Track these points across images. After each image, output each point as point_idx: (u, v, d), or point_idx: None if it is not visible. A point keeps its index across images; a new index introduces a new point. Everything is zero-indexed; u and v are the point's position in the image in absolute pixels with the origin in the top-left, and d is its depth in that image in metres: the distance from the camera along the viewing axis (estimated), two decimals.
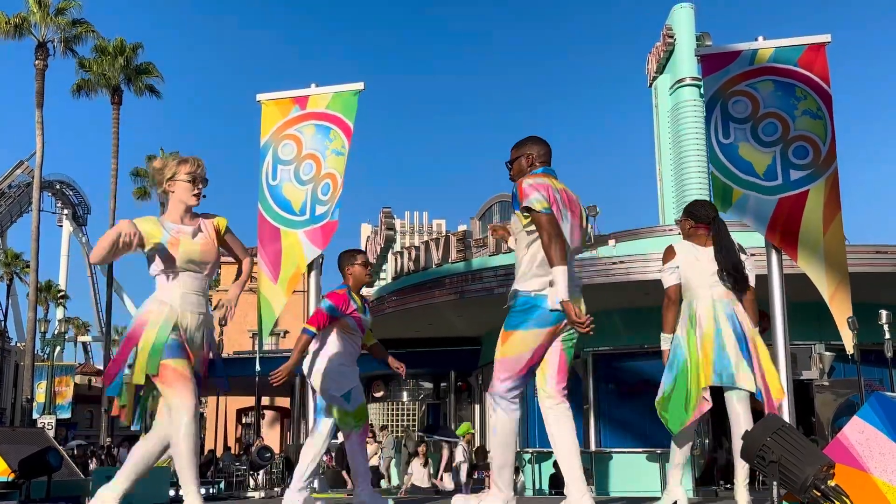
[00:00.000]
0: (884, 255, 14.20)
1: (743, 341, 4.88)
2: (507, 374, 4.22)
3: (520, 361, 4.20)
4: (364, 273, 6.02)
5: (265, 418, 34.53)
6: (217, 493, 8.50)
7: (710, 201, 5.53)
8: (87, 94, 37.64)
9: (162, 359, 4.10)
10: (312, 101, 9.36)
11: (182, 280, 4.26)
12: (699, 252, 5.07)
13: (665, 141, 23.68)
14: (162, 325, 4.14)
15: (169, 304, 4.20)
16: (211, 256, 4.36)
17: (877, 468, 3.04)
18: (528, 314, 4.22)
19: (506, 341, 4.24)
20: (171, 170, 4.34)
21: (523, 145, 4.54)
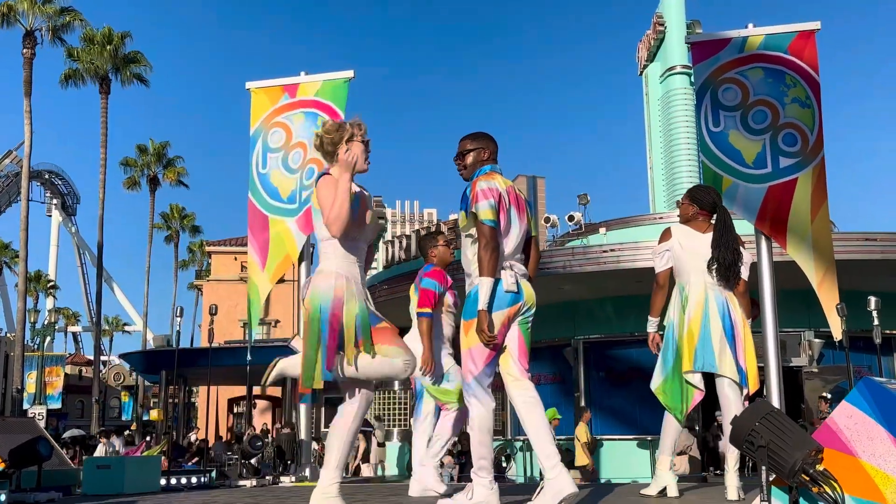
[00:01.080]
0: (873, 242, 14.27)
1: (730, 330, 4.91)
2: (476, 365, 4.23)
3: (485, 348, 4.21)
4: (448, 252, 6.02)
5: (256, 407, 34.54)
6: (209, 481, 8.50)
7: (709, 185, 5.54)
8: (75, 83, 37.47)
9: (372, 325, 3.99)
10: (302, 89, 9.34)
11: (353, 248, 4.11)
12: (696, 237, 5.07)
13: (655, 129, 23.70)
14: (354, 298, 3.99)
15: (345, 276, 4.02)
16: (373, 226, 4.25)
17: (865, 452, 3.06)
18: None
19: (469, 331, 4.25)
20: (349, 131, 4.12)
21: (480, 139, 4.53)
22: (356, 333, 3.91)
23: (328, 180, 3.98)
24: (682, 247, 5.07)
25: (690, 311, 4.95)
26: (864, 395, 3.16)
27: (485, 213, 4.20)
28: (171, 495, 6.64)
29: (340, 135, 4.09)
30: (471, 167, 4.46)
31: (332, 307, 3.93)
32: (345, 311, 3.91)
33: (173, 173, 47.29)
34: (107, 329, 66.45)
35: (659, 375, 5.11)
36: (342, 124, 4.14)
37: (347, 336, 3.90)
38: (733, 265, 4.96)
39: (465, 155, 4.50)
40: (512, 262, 4.34)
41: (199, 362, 22.64)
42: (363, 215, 4.12)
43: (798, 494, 3.09)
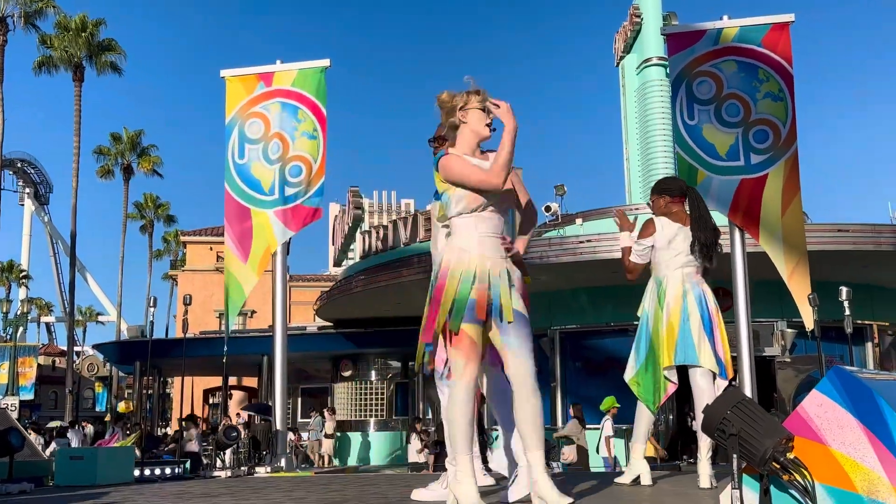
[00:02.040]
0: (845, 233, 14.43)
1: (708, 322, 4.95)
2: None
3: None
4: None
5: (232, 398, 34.41)
6: (183, 472, 8.46)
7: (677, 176, 5.54)
8: (48, 70, 37.01)
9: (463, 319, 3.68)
10: (278, 78, 9.28)
11: (481, 220, 3.79)
12: (677, 230, 5.08)
13: (632, 120, 23.78)
14: (464, 278, 3.71)
15: (468, 251, 3.77)
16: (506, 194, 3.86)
17: (835, 441, 3.09)
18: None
19: None
20: (463, 99, 3.90)
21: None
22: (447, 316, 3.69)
23: (448, 158, 3.84)
24: (664, 240, 5.08)
25: (669, 306, 4.98)
26: (835, 384, 3.19)
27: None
28: (145, 486, 6.61)
29: (453, 104, 3.92)
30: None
31: (438, 279, 3.81)
32: (446, 287, 3.73)
33: (148, 162, 46.86)
34: (80, 319, 65.85)
35: (632, 366, 5.15)
36: (454, 94, 3.95)
37: (441, 313, 3.71)
38: (713, 244, 5.01)
39: (444, 140, 4.49)
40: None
41: (173, 353, 22.52)
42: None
43: (769, 482, 3.12)
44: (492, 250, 3.74)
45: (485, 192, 3.73)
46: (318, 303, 23.19)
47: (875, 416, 3.03)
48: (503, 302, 3.67)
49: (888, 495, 2.92)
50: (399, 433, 23.84)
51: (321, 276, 44.15)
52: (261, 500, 4.75)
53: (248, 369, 29.49)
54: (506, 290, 3.70)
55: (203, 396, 36.68)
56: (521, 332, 3.69)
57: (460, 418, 3.66)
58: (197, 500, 4.93)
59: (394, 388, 24.32)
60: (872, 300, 16.85)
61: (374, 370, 24.49)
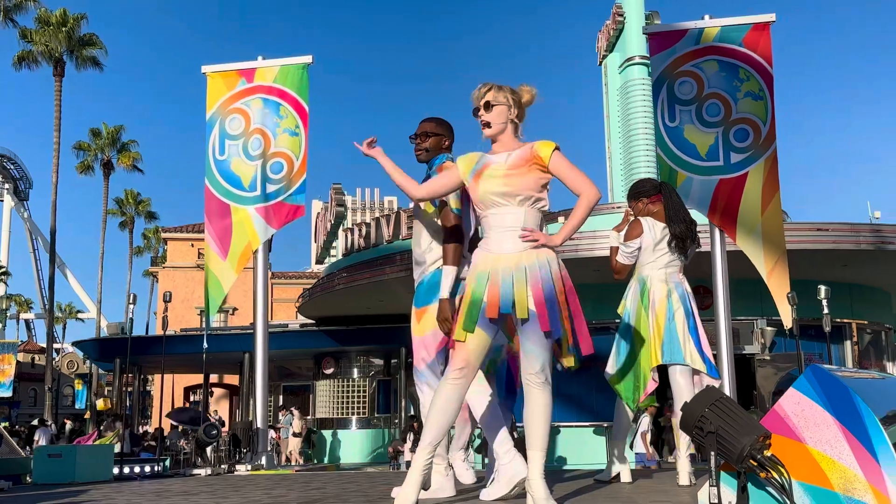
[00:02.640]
0: (825, 232, 14.53)
1: (692, 321, 4.98)
2: (429, 352, 4.26)
3: (437, 335, 4.23)
4: None
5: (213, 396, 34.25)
6: (162, 470, 8.42)
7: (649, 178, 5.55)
8: (28, 65, 36.68)
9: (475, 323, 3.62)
10: (259, 74, 9.24)
11: (494, 217, 3.70)
12: (662, 229, 5.10)
13: (614, 119, 23.84)
14: (478, 279, 3.66)
15: (483, 250, 3.72)
16: (518, 187, 3.65)
17: (811, 438, 3.11)
18: (439, 288, 4.20)
19: (422, 319, 4.27)
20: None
21: (444, 126, 4.52)
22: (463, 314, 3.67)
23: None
24: (650, 241, 5.10)
25: (654, 305, 5.00)
26: (812, 382, 3.21)
27: (454, 203, 4.20)
28: (124, 484, 6.57)
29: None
30: (432, 151, 4.45)
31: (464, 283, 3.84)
32: (466, 290, 3.72)
33: (128, 158, 46.52)
34: (60, 316, 65.35)
35: (613, 364, 5.17)
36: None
37: (460, 314, 3.69)
38: (687, 236, 5.02)
39: (427, 137, 4.47)
40: (466, 253, 4.31)
41: (153, 350, 22.39)
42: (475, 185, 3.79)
43: (746, 479, 3.14)
44: (504, 245, 3.65)
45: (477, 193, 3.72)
46: (300, 300, 23.11)
47: (852, 415, 3.05)
48: (517, 298, 3.59)
49: (864, 493, 2.94)
50: (381, 431, 23.81)
51: (303, 273, 44.02)
52: (240, 498, 4.73)
53: (230, 367, 29.36)
54: (521, 286, 3.59)
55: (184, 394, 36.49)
56: (533, 333, 3.60)
57: (439, 415, 3.67)
58: (176, 497, 4.91)
59: (376, 386, 24.28)
60: (851, 299, 16.99)
61: (357, 368, 24.45)
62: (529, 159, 3.68)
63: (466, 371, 3.65)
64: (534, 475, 3.60)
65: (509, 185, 3.65)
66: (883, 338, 18.57)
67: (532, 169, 3.67)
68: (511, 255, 3.63)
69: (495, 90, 3.83)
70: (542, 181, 3.69)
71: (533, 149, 3.71)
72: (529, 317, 3.57)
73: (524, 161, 3.69)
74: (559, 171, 3.68)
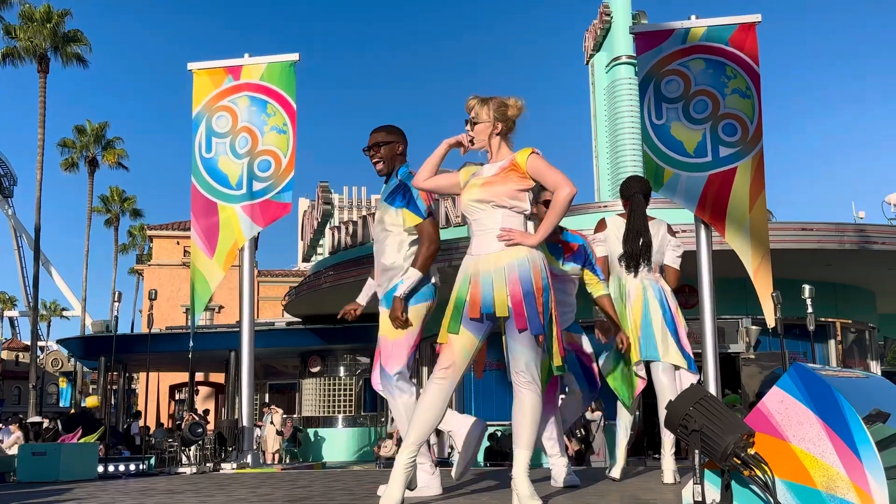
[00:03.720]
0: (809, 231, 14.61)
1: (670, 317, 5.01)
2: (402, 353, 4.34)
3: (410, 339, 4.34)
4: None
5: (199, 394, 34.14)
6: (147, 468, 8.39)
7: (638, 176, 5.57)
8: (13, 61, 36.41)
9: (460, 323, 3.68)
10: (246, 72, 9.21)
11: (474, 222, 3.80)
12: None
13: (601, 118, 23.90)
14: (461, 281, 3.74)
15: (468, 254, 3.79)
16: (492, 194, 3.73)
17: (795, 437, 3.13)
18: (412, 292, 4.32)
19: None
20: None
21: (395, 132, 4.62)
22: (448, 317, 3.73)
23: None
24: (617, 239, 5.14)
25: (631, 303, 5.04)
26: (795, 381, 3.23)
27: (424, 211, 4.36)
28: (109, 483, 6.54)
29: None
30: (388, 160, 4.56)
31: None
32: (453, 292, 3.77)
33: (113, 155, 46.27)
34: (44, 314, 64.97)
35: (607, 363, 5.21)
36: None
37: (446, 316, 3.74)
38: (640, 254, 5.04)
39: (380, 147, 4.58)
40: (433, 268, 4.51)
41: (139, 348, 22.30)
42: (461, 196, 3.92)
43: (730, 477, 3.16)
44: (482, 247, 3.74)
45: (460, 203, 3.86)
46: (286, 298, 23.06)
47: (835, 413, 3.07)
48: (496, 297, 3.63)
49: (847, 491, 2.96)
50: (367, 429, 23.79)
51: (290, 271, 43.91)
52: (226, 497, 4.72)
53: (215, 365, 29.27)
54: (500, 285, 3.64)
55: (169, 392, 36.35)
56: (515, 331, 3.65)
57: (424, 414, 3.70)
58: (161, 496, 4.89)
59: (362, 385, 24.26)
60: (836, 298, 17.09)
61: (343, 366, 24.43)
62: (507, 167, 3.80)
63: (452, 370, 3.70)
64: (518, 473, 3.63)
65: (484, 193, 3.76)
66: (867, 337, 18.69)
67: (509, 176, 3.76)
68: (490, 256, 3.70)
69: (478, 106, 3.90)
70: (520, 187, 3.76)
71: (512, 157, 3.82)
72: (509, 314, 3.62)
73: (501, 169, 3.80)
74: (536, 172, 3.76)
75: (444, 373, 3.69)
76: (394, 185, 4.46)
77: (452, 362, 3.69)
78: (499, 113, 3.87)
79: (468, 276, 3.73)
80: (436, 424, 3.80)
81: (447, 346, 3.70)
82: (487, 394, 16.10)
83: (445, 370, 3.69)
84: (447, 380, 3.70)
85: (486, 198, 3.75)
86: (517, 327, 3.62)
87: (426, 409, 3.72)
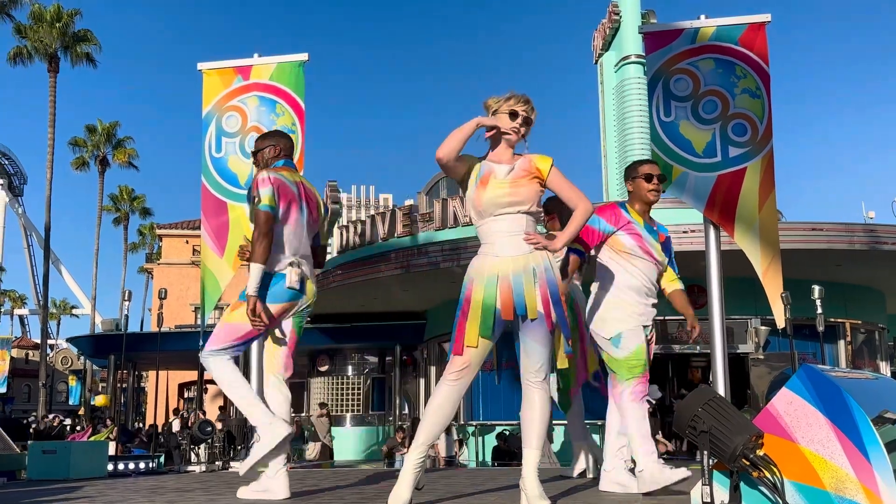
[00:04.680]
0: (819, 231, 14.56)
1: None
2: (226, 338, 4.47)
3: (242, 329, 4.44)
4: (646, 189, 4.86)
5: (208, 392, 34.24)
6: (157, 467, 8.42)
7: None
8: (23, 61, 36.60)
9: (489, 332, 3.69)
10: (255, 72, 9.23)
11: (496, 221, 3.80)
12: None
13: (610, 118, 23.86)
14: (487, 284, 3.72)
15: (489, 255, 3.78)
16: (523, 196, 3.79)
17: (804, 438, 3.13)
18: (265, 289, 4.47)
19: (236, 309, 4.49)
20: (498, 103, 3.94)
21: (271, 136, 4.92)
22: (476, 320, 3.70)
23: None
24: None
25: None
26: (804, 382, 3.23)
27: (265, 198, 4.42)
28: (118, 481, 6.57)
29: (489, 108, 3.97)
30: (264, 163, 4.75)
31: (466, 288, 3.79)
32: (473, 293, 3.73)
33: (123, 154, 46.45)
34: (54, 312, 65.23)
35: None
36: (497, 98, 3.97)
37: (471, 325, 3.70)
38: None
39: (258, 153, 4.81)
40: (300, 260, 4.63)
41: (148, 347, 22.36)
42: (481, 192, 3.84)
43: (739, 479, 3.16)
44: (511, 248, 3.75)
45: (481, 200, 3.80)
46: None
47: (844, 415, 3.07)
48: (527, 301, 3.69)
49: (856, 492, 2.96)
50: (376, 428, 23.82)
51: None
52: (235, 495, 4.74)
53: None
54: (530, 286, 3.70)
55: (178, 391, 36.48)
56: (537, 331, 3.72)
57: (436, 415, 3.72)
58: (170, 494, 4.91)
59: (370, 384, 24.29)
60: (845, 298, 17.03)
61: (351, 365, 24.46)
62: (530, 171, 3.85)
63: (467, 372, 3.72)
64: (528, 473, 3.65)
65: (516, 196, 3.80)
66: (876, 337, 18.62)
67: (532, 181, 3.84)
68: (518, 258, 3.74)
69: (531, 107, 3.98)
70: (540, 193, 3.88)
71: (532, 162, 3.88)
72: (538, 316, 3.69)
73: (527, 173, 3.85)
74: (557, 186, 3.89)
75: (459, 374, 3.71)
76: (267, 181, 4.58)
77: (468, 365, 3.71)
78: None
79: (495, 277, 3.72)
80: (445, 425, 3.84)
81: (467, 353, 3.70)
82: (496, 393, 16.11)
83: (460, 372, 3.71)
84: (461, 381, 3.72)
85: (517, 200, 3.79)
86: (548, 328, 3.70)
87: (437, 409, 3.73)
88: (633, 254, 4.67)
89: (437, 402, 3.74)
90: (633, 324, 4.58)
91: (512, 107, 3.90)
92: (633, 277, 4.64)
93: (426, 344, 21.29)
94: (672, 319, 15.69)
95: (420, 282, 17.44)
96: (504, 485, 5.08)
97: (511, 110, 3.89)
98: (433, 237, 17.66)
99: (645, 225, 4.76)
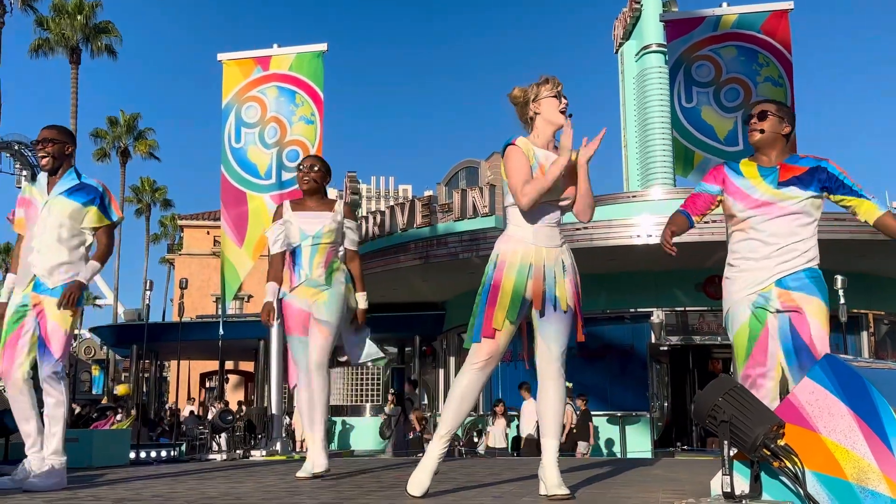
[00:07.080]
0: (842, 222, 14.41)
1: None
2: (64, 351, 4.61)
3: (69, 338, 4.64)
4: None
5: (229, 382, 34.47)
6: (179, 455, 8.49)
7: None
8: (45, 53, 36.88)
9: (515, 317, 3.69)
10: (275, 62, 9.25)
11: (533, 212, 3.76)
12: None
13: (630, 107, 23.71)
14: (520, 272, 3.70)
15: (524, 242, 3.75)
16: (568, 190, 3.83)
17: (825, 428, 3.10)
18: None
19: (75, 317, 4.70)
20: (534, 91, 3.87)
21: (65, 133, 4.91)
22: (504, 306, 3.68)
23: (511, 151, 3.80)
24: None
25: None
26: (826, 372, 3.20)
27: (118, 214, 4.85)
28: (140, 469, 6.62)
29: (525, 98, 3.89)
30: (58, 158, 4.80)
31: (495, 271, 3.74)
32: (503, 283, 3.70)
33: (144, 146, 46.74)
34: None
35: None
36: (525, 89, 3.91)
37: (499, 310, 3.68)
38: None
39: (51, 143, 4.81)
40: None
41: (170, 337, 22.54)
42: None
43: (759, 469, 3.14)
44: (547, 240, 3.78)
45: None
46: None
47: (866, 405, 3.04)
48: (558, 294, 3.73)
49: (878, 483, 2.93)
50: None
51: None
52: (255, 483, 4.76)
53: (245, 353, 29.51)
54: (561, 279, 3.75)
55: (199, 380, 36.75)
56: (561, 323, 3.74)
57: (460, 403, 3.72)
58: (192, 481, 4.95)
59: (390, 374, 24.35)
60: (868, 289, 16.87)
61: None
62: (568, 165, 3.77)
63: (492, 360, 3.72)
64: (548, 462, 3.65)
65: (566, 192, 3.84)
66: None
67: (572, 176, 3.86)
68: (553, 250, 3.78)
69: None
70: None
71: (570, 156, 3.77)
72: (568, 309, 3.74)
73: (570, 167, 3.80)
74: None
75: (484, 363, 3.70)
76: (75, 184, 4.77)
77: (493, 353, 3.70)
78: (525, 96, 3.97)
79: (528, 265, 3.70)
80: (469, 412, 3.84)
81: (495, 339, 3.68)
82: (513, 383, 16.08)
83: (485, 361, 3.70)
84: (486, 369, 3.72)
85: (565, 195, 3.84)
86: (577, 321, 3.77)
87: (460, 397, 3.74)
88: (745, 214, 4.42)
89: (460, 390, 3.73)
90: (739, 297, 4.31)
91: (553, 90, 3.84)
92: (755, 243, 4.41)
93: (445, 334, 21.30)
94: (693, 311, 15.62)
95: (439, 272, 17.43)
96: (524, 475, 5.07)
97: (556, 92, 3.84)
98: (452, 228, 17.64)
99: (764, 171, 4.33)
